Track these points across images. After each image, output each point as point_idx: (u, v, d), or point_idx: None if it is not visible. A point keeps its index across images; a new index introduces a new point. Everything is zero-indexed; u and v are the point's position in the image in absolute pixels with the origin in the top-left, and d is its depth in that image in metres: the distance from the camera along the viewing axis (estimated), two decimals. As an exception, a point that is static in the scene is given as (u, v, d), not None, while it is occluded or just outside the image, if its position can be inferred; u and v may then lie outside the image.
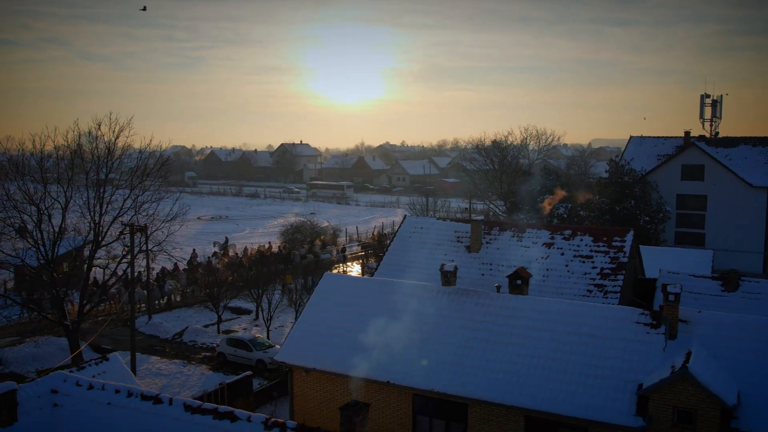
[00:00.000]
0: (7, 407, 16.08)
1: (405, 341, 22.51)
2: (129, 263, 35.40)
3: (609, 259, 30.13)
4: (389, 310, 23.98)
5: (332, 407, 23.49)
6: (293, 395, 24.21)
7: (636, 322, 21.45)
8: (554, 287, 29.39)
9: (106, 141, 34.55)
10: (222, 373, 33.40)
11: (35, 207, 33.04)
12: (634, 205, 51.80)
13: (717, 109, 63.19)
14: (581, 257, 30.56)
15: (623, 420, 19.09)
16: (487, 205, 78.00)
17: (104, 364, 20.03)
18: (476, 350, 21.93)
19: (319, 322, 24.61)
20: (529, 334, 21.90)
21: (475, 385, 21.06)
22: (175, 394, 24.65)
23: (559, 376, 20.55)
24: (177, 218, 36.60)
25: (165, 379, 32.46)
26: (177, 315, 44.70)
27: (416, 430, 22.28)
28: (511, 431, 20.82)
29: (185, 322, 42.85)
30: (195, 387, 31.48)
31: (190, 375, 33.36)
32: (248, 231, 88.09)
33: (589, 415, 19.47)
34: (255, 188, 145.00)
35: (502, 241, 32.51)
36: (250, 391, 28.25)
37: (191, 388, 31.24)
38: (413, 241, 33.75)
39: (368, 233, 79.83)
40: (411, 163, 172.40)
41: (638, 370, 20.13)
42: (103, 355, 20.55)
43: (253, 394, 28.42)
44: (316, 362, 23.27)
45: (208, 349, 37.58)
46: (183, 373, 33.52)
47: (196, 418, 15.52)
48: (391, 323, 23.42)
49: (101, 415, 16.43)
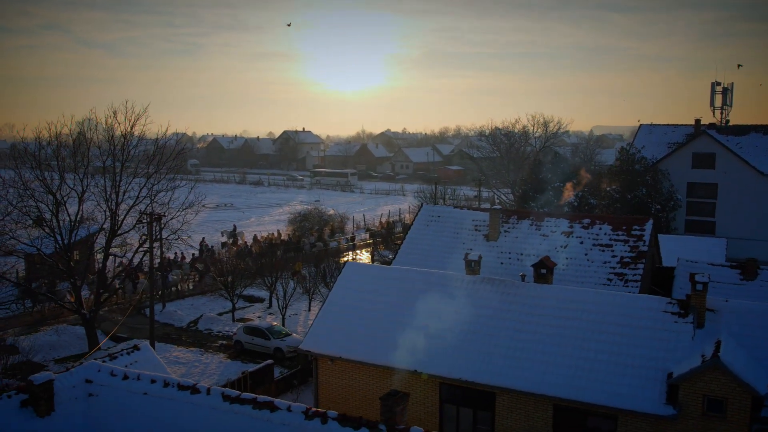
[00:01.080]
0: (44, 397, 16.09)
1: (431, 330, 22.53)
2: (146, 252, 35.41)
3: (629, 248, 30.11)
4: (414, 299, 24.00)
5: (357, 396, 23.60)
6: (318, 384, 24.27)
7: (664, 312, 21.46)
8: (574, 276, 29.38)
9: (122, 130, 34.38)
10: (240, 362, 33.49)
11: (52, 196, 32.98)
12: (645, 194, 51.76)
13: (727, 96, 62.95)
14: (601, 246, 30.54)
15: (653, 408, 19.15)
16: (494, 192, 77.97)
17: (136, 354, 20.04)
18: (504, 339, 21.95)
19: (343, 311, 24.62)
20: (557, 323, 21.92)
21: (503, 374, 21.10)
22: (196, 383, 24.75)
23: (588, 365, 20.59)
24: (193, 206, 36.54)
25: (184, 368, 32.53)
26: (190, 303, 44.75)
27: (443, 419, 22.36)
28: (539, 420, 20.90)
29: (199, 311, 42.91)
30: (214, 375, 31.56)
31: (209, 363, 33.43)
32: (254, 219, 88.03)
33: (618, 404, 19.53)
34: (259, 176, 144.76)
35: (520, 229, 32.48)
36: (271, 380, 28.34)
37: (210, 377, 31.32)
38: (431, 230, 33.71)
39: (375, 221, 79.83)
40: (414, 150, 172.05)
41: (667, 359, 20.16)
42: (135, 345, 20.54)
43: (274, 382, 28.49)
44: (342, 351, 23.31)
45: (224, 337, 37.66)
46: (201, 362, 33.59)
47: (235, 408, 15.53)
48: (416, 312, 23.47)
49: (138, 405, 16.44)
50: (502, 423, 21.44)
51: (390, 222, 74.13)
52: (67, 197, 34.05)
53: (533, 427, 21.04)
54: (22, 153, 34.48)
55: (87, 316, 34.30)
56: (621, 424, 19.85)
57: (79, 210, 34.53)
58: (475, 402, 21.81)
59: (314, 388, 24.52)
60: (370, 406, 23.24)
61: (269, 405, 15.34)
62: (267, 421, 15.07)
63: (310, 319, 41.21)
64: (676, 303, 21.74)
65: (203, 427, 15.42)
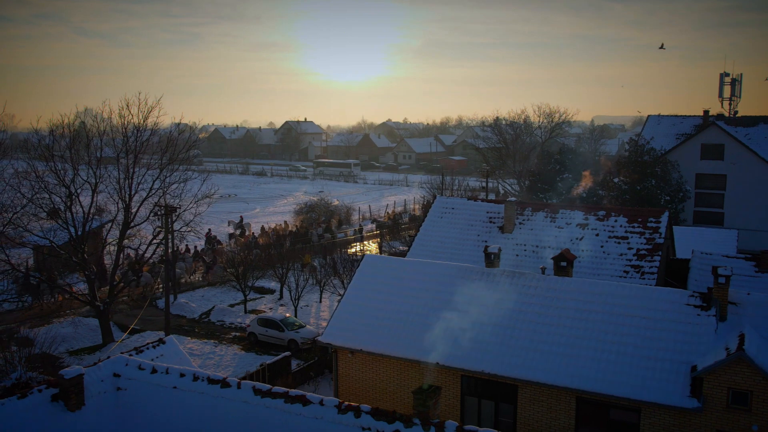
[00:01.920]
0: (75, 392, 16.14)
1: (452, 323, 22.53)
2: (158, 245, 35.40)
3: (645, 240, 30.11)
4: (433, 292, 24.03)
5: (378, 388, 23.66)
6: (338, 376, 24.32)
7: (686, 304, 21.47)
8: (590, 268, 29.39)
9: (136, 122, 34.29)
10: (254, 353, 33.56)
11: (66, 188, 32.93)
12: (655, 185, 51.70)
13: (736, 87, 62.77)
14: (616, 238, 30.53)
15: (678, 401, 19.19)
16: (500, 183, 77.87)
17: (161, 347, 20.08)
18: (525, 331, 21.98)
19: (362, 304, 24.64)
20: (579, 315, 21.94)
21: (525, 366, 21.14)
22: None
23: (611, 357, 20.62)
24: (207, 198, 36.53)
25: (199, 360, 32.58)
26: (201, 295, 44.78)
27: (465, 411, 22.43)
28: (562, 412, 20.96)
29: (210, 302, 42.96)
30: (230, 367, 31.64)
31: (223, 355, 33.50)
32: (259, 210, 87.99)
33: (642, 396, 19.57)
34: (262, 167, 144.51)
35: (535, 221, 32.45)
36: (289, 372, 28.40)
37: (226, 369, 31.39)
38: (444, 222, 33.69)
39: (381, 212, 79.80)
40: (416, 140, 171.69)
41: (691, 351, 20.19)
42: (160, 339, 20.56)
43: (291, 374, 28.56)
44: (362, 344, 23.33)
45: (237, 328, 37.72)
46: (216, 353, 33.66)
47: (267, 402, 15.57)
48: (436, 304, 23.51)
49: (168, 399, 16.47)
50: (524, 415, 21.50)
51: (396, 213, 74.11)
52: (81, 189, 34.00)
53: (556, 419, 21.10)
54: (36, 145, 34.36)
55: (101, 307, 34.34)
56: (644, 416, 19.91)
57: (92, 202, 34.48)
58: (497, 394, 21.86)
59: (334, 380, 24.57)
60: (390, 398, 23.33)
61: (301, 399, 15.37)
62: (299, 415, 15.11)
63: (322, 311, 41.29)
64: (699, 296, 21.75)
65: (236, 421, 15.46)
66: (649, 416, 19.86)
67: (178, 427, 15.77)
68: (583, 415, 20.76)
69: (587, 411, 20.70)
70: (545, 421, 21.25)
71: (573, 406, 20.79)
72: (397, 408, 22.54)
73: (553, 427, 21.15)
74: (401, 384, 23.26)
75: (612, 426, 20.53)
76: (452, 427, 14.00)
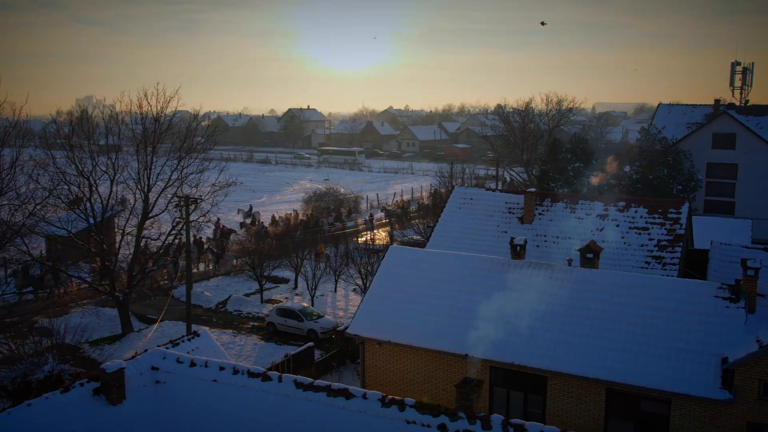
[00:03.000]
0: (116, 385, 16.23)
1: (480, 314, 22.63)
2: (176, 235, 35.44)
3: (665, 231, 30.16)
4: (460, 283, 24.11)
5: (405, 379, 23.79)
6: (365, 367, 24.45)
7: (715, 297, 21.56)
8: (612, 259, 29.43)
9: (154, 112, 34.24)
10: (274, 343, 33.71)
11: (86, 179, 32.93)
12: (667, 174, 51.69)
13: (747, 76, 62.61)
14: (637, 229, 30.58)
15: (709, 393, 19.32)
16: (508, 172, 77.77)
17: (196, 340, 20.17)
18: (554, 323, 22.08)
19: (388, 295, 24.73)
20: (608, 307, 22.03)
21: (555, 357, 21.25)
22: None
23: (641, 349, 20.73)
24: (226, 187, 36.59)
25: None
26: (216, 284, 44.89)
27: (493, 403, 22.58)
28: (591, 403, 21.11)
29: (225, 291, 43.08)
30: (251, 357, 31.79)
31: (243, 345, 33.65)
32: (266, 198, 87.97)
33: (673, 388, 19.69)
34: (266, 154, 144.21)
35: (555, 212, 32.49)
36: (312, 362, 28.55)
37: (247, 359, 31.54)
38: (464, 212, 33.72)
39: (388, 200, 79.80)
40: (420, 128, 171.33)
41: (721, 343, 20.29)
42: (195, 332, 20.65)
43: (314, 364, 28.72)
44: (390, 335, 23.44)
45: (254, 318, 37.86)
46: (236, 344, 33.80)
47: (309, 395, 15.66)
48: (463, 296, 23.60)
49: (209, 392, 16.56)
50: (553, 406, 21.65)
51: (405, 201, 74.13)
52: (100, 180, 34.00)
53: (585, 410, 21.25)
54: (54, 134, 34.30)
55: (120, 298, 34.44)
56: (675, 407, 20.05)
57: (111, 192, 34.49)
58: (526, 385, 22.00)
59: (361, 371, 24.71)
60: (417, 389, 23.46)
61: (344, 392, 15.46)
62: (343, 409, 15.21)
63: (338, 301, 41.43)
64: (727, 288, 21.83)
65: (279, 415, 15.56)
66: (680, 407, 20.00)
67: (220, 421, 15.88)
68: (613, 406, 20.91)
69: (617, 402, 20.84)
70: (575, 412, 21.40)
71: (603, 398, 20.93)
72: (425, 399, 22.68)
73: (583, 418, 21.31)
74: (429, 376, 23.40)
75: (642, 417, 20.69)
76: (498, 421, 14.11)
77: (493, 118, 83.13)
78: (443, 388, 23.04)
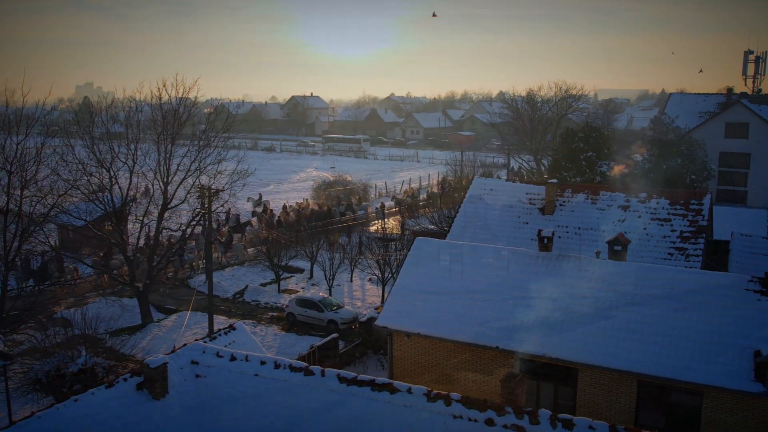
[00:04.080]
0: (160, 380, 16.31)
1: (508, 306, 22.71)
2: (195, 226, 35.45)
3: (687, 222, 30.19)
4: (488, 276, 24.14)
5: (434, 371, 23.88)
6: (393, 359, 24.55)
7: (745, 289, 21.60)
8: (634, 250, 29.43)
9: (173, 102, 34.14)
10: (295, 334, 33.84)
11: (106, 170, 32.90)
12: (680, 164, 51.63)
13: (760, 65, 62.40)
14: (659, 220, 30.61)
15: (742, 385, 19.40)
16: (515, 159, 77.66)
17: (232, 334, 20.25)
18: (584, 316, 22.12)
19: (417, 287, 24.76)
20: (638, 300, 22.07)
21: (586, 350, 21.31)
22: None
23: (673, 342, 20.79)
24: (244, 177, 36.62)
25: (240, 340, 32.80)
26: (232, 274, 44.97)
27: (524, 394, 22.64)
28: (623, 395, 21.21)
29: (241, 281, 43.17)
30: (273, 348, 31.93)
31: (264, 336, 33.76)
32: (273, 186, 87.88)
33: (705, 380, 19.77)
34: (270, 142, 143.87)
35: (575, 203, 32.50)
36: (337, 353, 28.68)
37: (269, 349, 31.64)
38: (484, 203, 33.72)
39: (396, 189, 79.75)
40: (424, 115, 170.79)
41: (753, 336, 20.34)
42: (230, 325, 20.73)
43: (339, 355, 28.84)
44: (420, 327, 23.49)
45: (273, 308, 37.97)
46: (256, 334, 33.86)
47: (353, 390, 15.74)
48: (492, 288, 23.64)
49: (250, 387, 16.63)
50: (583, 398, 21.76)
51: (413, 190, 74.10)
52: (119, 171, 33.98)
53: (616, 402, 21.37)
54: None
55: (140, 288, 34.52)
56: (707, 400, 20.15)
57: (130, 183, 34.47)
58: (557, 377, 22.10)
59: (389, 363, 24.81)
60: (446, 381, 23.55)
61: (388, 387, 15.54)
62: (388, 403, 15.29)
63: (354, 290, 41.53)
64: (758, 280, 21.87)
65: (323, 409, 15.63)
66: (712, 399, 20.11)
67: (264, 415, 15.95)
68: (645, 397, 21.02)
69: (648, 394, 20.94)
70: (605, 404, 21.51)
71: (634, 390, 21.02)
72: (455, 392, 22.79)
73: (613, 409, 21.43)
74: (458, 367, 23.49)
75: (673, 409, 20.81)
76: (546, 416, 14.20)
77: (502, 107, 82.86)
78: (473, 380, 23.15)
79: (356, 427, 14.99)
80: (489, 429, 14.21)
